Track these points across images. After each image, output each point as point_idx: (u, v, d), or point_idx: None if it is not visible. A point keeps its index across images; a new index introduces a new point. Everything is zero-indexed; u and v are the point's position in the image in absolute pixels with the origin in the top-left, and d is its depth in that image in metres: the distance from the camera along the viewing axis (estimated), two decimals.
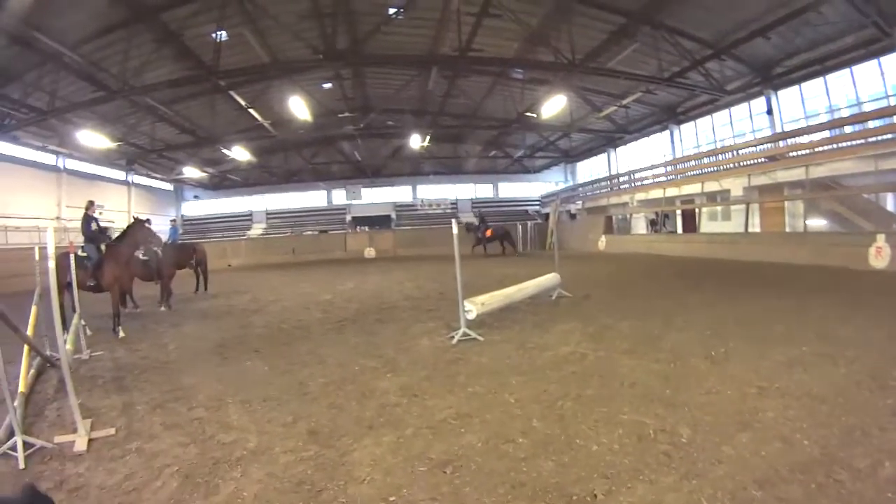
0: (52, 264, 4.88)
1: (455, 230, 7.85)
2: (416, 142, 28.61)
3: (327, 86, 24.48)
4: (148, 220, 10.87)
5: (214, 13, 15.51)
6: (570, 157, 38.29)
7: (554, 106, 21.04)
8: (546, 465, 3.49)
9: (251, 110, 24.26)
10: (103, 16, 15.43)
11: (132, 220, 11.09)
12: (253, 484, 3.50)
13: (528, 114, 25.45)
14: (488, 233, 27.47)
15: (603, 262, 20.34)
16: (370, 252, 32.79)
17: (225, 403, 5.22)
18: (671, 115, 27.30)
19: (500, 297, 8.67)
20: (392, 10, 17.11)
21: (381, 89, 25.99)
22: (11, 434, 4.30)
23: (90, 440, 4.46)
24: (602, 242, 27.39)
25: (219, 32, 16.24)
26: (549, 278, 10.83)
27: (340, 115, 27.54)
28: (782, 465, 3.23)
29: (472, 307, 7.66)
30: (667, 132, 28.63)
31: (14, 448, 4.19)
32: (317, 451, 3.95)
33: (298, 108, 20.42)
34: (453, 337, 7.34)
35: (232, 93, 22.29)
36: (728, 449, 3.51)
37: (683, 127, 27.80)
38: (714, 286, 11.64)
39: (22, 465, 4.06)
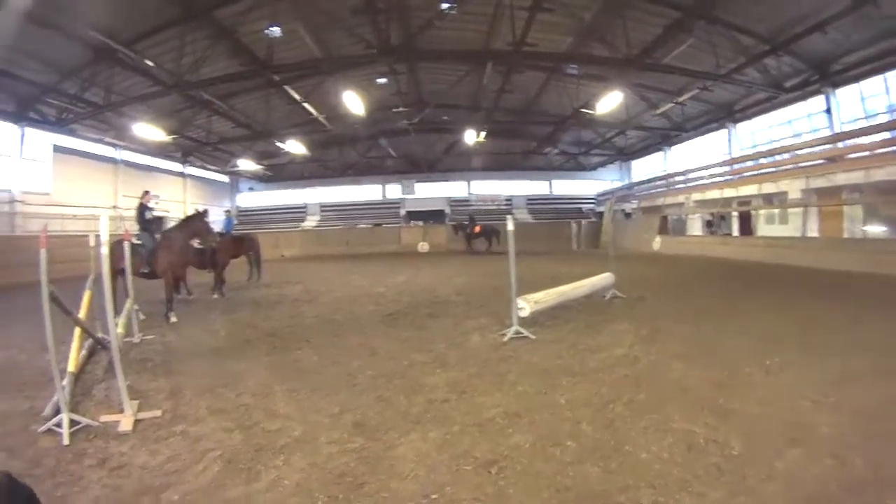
0: (105, 251, 5.05)
1: (510, 227, 7.76)
2: (470, 137, 28.44)
3: (382, 81, 24.50)
4: (205, 212, 11.14)
5: (267, 10, 15.75)
6: (626, 154, 37.43)
7: (609, 102, 20.67)
8: (593, 470, 3.42)
9: (306, 104, 24.50)
10: (156, 14, 15.88)
11: (193, 213, 11.42)
12: (295, 473, 3.52)
13: (584, 110, 24.98)
14: (477, 229, 29.01)
15: (657, 263, 19.98)
16: (424, 246, 33.05)
17: (272, 391, 5.29)
18: (728, 114, 26.43)
19: (554, 295, 8.51)
20: (445, 5, 17.00)
21: (435, 84, 25.85)
22: (58, 411, 4.46)
23: (136, 421, 4.58)
24: (657, 243, 26.81)
25: (272, 28, 16.44)
26: (604, 278, 10.60)
27: (395, 110, 27.55)
28: (834, 485, 3.09)
29: (526, 304, 7.53)
30: (723, 131, 27.76)
31: (59, 424, 4.34)
32: (362, 443, 3.96)
33: (353, 102, 20.55)
34: (505, 334, 7.27)
35: (287, 87, 22.57)
36: (780, 464, 3.38)
37: (740, 126, 26.87)
38: (770, 292, 11.24)
39: (66, 442, 4.19)
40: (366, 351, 6.86)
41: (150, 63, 18.16)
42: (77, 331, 5.84)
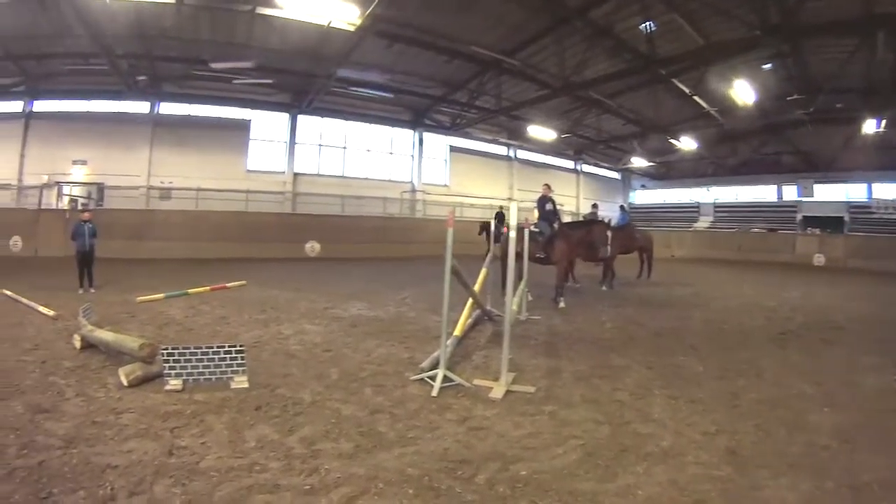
0: (513, 234, 5.43)
1: None
2: (869, 127, 23.17)
3: (767, 66, 21.34)
4: (595, 205, 11.34)
5: (637, 6, 15.38)
6: None
7: None
8: None
9: (695, 97, 23.10)
10: (528, 24, 17.00)
11: (595, 220, 12.34)
12: (651, 485, 3.28)
13: None
14: (504, 230, 24.39)
15: None
16: (819, 259, 28.29)
17: (650, 393, 5.10)
18: None
19: None
20: None
21: (824, 66, 20.90)
22: (436, 366, 5.08)
23: (507, 391, 4.84)
24: None
25: (647, 23, 16.01)
26: None
27: (788, 99, 23.81)
28: None
29: None
30: None
31: (433, 378, 4.92)
32: (728, 473, 3.50)
33: (742, 92, 19.08)
34: None
35: (674, 80, 21.52)
36: None
37: None
38: None
39: (434, 394, 4.71)
40: (752, 370, 6.16)
41: (534, 69, 19.66)
42: (469, 301, 6.34)
